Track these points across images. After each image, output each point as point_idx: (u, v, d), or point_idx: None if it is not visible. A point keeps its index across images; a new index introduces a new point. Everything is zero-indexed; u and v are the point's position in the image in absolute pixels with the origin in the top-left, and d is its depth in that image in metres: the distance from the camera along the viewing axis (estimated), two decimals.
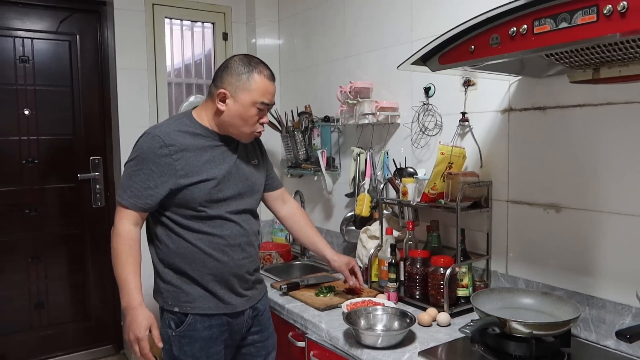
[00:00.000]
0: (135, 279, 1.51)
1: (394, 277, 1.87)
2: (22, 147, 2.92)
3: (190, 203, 1.53)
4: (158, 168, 1.49)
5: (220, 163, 1.58)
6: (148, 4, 2.87)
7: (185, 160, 1.52)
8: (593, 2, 0.99)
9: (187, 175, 1.51)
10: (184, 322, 1.56)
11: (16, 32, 2.86)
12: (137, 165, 1.51)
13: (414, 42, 2.09)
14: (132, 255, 1.52)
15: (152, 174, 1.49)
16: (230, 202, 1.59)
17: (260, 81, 1.53)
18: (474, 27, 1.23)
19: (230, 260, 1.59)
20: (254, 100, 1.53)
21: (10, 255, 2.92)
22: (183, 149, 1.52)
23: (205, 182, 1.53)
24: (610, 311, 1.46)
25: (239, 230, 1.61)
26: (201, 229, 1.55)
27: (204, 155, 1.55)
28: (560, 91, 1.57)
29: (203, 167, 1.54)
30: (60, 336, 3.07)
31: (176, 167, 1.50)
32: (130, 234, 1.53)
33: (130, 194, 1.51)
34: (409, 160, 2.14)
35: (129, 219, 1.53)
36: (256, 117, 1.56)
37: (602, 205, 1.49)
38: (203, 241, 1.55)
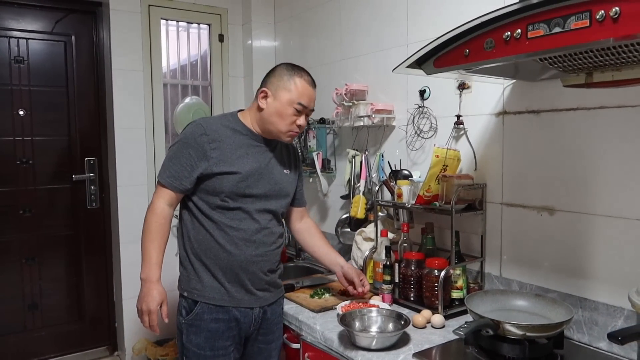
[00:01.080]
0: (159, 255, 1.61)
1: (388, 279, 1.88)
2: (17, 148, 2.91)
3: (216, 191, 1.60)
4: (196, 153, 1.58)
5: (253, 161, 1.65)
6: (144, 5, 2.87)
7: (220, 150, 1.60)
8: (586, 7, 1.00)
9: (218, 164, 1.59)
10: (193, 310, 1.62)
11: (11, 33, 2.85)
12: (179, 149, 1.61)
13: (409, 45, 2.10)
14: (160, 232, 1.62)
15: (190, 158, 1.59)
16: (256, 199, 1.64)
17: (300, 83, 1.62)
18: (469, 31, 1.24)
19: (242, 254, 1.62)
20: (291, 100, 1.61)
21: (4, 256, 2.90)
22: (221, 139, 1.61)
23: (234, 174, 1.60)
24: (602, 313, 1.47)
25: (257, 227, 1.64)
26: (220, 220, 1.61)
27: (238, 150, 1.63)
28: (554, 95, 1.59)
29: (236, 160, 1.61)
30: (54, 338, 3.06)
31: (210, 155, 1.59)
32: (163, 212, 1.62)
33: (169, 174, 1.60)
34: (404, 163, 2.15)
35: (165, 198, 1.62)
36: (293, 117, 1.63)
37: (596, 208, 1.50)
38: (220, 232, 1.61)
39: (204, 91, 3.22)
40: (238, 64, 3.20)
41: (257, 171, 1.64)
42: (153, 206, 1.63)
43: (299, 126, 1.65)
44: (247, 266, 1.63)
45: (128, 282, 2.85)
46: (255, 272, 1.65)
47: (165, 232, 1.64)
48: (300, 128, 1.66)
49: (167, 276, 1.64)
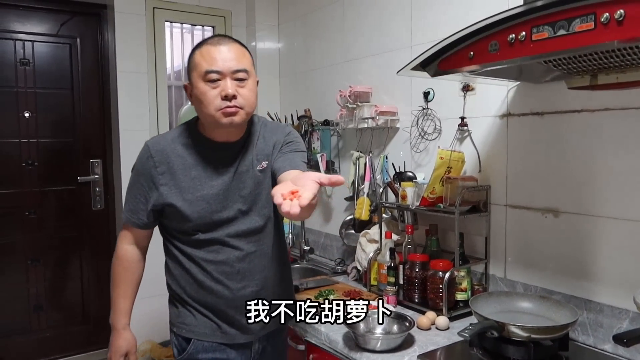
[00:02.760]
0: (125, 302, 1.47)
1: (393, 280, 1.88)
2: (22, 150, 2.92)
3: (178, 225, 1.39)
4: (146, 181, 1.37)
5: (214, 179, 1.38)
6: (148, 7, 2.88)
7: (171, 174, 1.36)
8: (591, 10, 1.00)
9: (170, 192, 1.36)
10: (186, 349, 1.44)
11: (17, 35, 2.87)
12: (132, 178, 1.43)
13: (413, 47, 2.11)
14: (125, 277, 1.47)
15: (142, 188, 1.39)
16: (230, 223, 1.40)
17: (200, 52, 1.32)
18: (473, 34, 1.25)
19: (226, 290, 1.41)
20: (199, 74, 1.31)
21: (10, 258, 2.92)
22: (169, 161, 1.37)
23: (192, 202, 1.36)
24: (607, 315, 1.47)
25: (238, 254, 1.41)
26: (195, 254, 1.40)
27: (193, 171, 1.37)
28: (558, 97, 1.58)
29: (190, 183, 1.37)
30: (59, 339, 3.07)
31: (160, 182, 1.36)
32: (126, 254, 1.47)
33: (127, 208, 1.44)
34: (408, 165, 2.15)
35: (127, 237, 1.46)
36: (212, 92, 1.30)
37: (600, 210, 1.50)
38: (197, 268, 1.41)
39: None
40: None
41: (222, 189, 1.38)
42: (116, 249, 1.47)
43: (226, 97, 1.29)
44: (236, 302, 1.41)
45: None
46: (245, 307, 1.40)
47: (131, 275, 1.47)
48: (229, 98, 1.29)
49: None
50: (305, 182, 0.95)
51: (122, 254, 1.47)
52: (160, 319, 2.86)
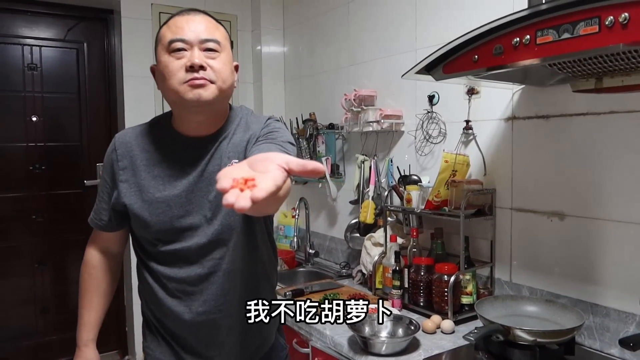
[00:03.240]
0: (89, 313, 1.28)
1: (398, 284, 1.88)
2: (29, 154, 2.95)
3: (140, 232, 1.21)
4: (109, 176, 1.22)
5: (178, 178, 1.16)
6: (154, 12, 2.90)
7: (132, 170, 1.18)
8: (595, 13, 1.00)
9: (129, 191, 1.17)
10: None
11: (25, 40, 2.90)
12: (101, 174, 1.33)
13: (417, 50, 2.11)
14: (90, 285, 1.29)
15: (105, 183, 1.23)
16: (194, 233, 1.17)
17: (166, 25, 1.15)
18: (478, 37, 1.25)
19: (186, 314, 1.19)
20: (164, 46, 1.12)
21: (17, 261, 2.94)
22: (131, 155, 1.18)
23: (151, 204, 1.16)
24: (614, 319, 1.46)
25: (201, 272, 1.18)
26: (156, 269, 1.20)
27: (155, 168, 1.17)
28: (563, 100, 1.58)
29: (151, 183, 1.17)
30: (65, 342, 3.08)
31: (120, 178, 1.18)
32: (92, 260, 1.29)
33: (94, 207, 1.28)
34: (413, 168, 2.15)
35: (94, 241, 1.31)
36: (176, 63, 1.10)
37: (606, 213, 1.49)
38: (157, 285, 1.21)
39: None
40: (247, 70, 3.22)
41: (185, 190, 1.15)
42: (84, 254, 1.31)
43: (192, 67, 1.08)
44: (196, 329, 1.19)
45: None
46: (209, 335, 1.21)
47: (96, 284, 1.28)
48: (195, 68, 1.08)
49: None
50: (268, 166, 0.66)
51: (87, 258, 1.30)
52: None
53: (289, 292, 2.02)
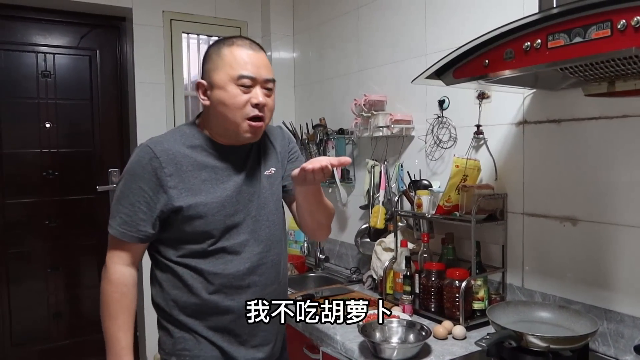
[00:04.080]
0: (126, 337, 1.26)
1: (409, 289, 1.87)
2: (43, 159, 2.98)
3: (185, 233, 1.25)
4: (149, 185, 1.21)
5: (224, 181, 1.27)
6: (166, 19, 2.93)
7: (180, 176, 1.23)
8: (607, 17, 1.00)
9: (180, 195, 1.22)
10: None
11: (39, 48, 2.94)
12: (126, 185, 1.23)
13: (427, 55, 2.11)
14: (123, 306, 1.26)
15: (142, 193, 1.21)
16: (241, 229, 1.28)
17: (231, 52, 1.23)
18: (488, 42, 1.25)
19: (236, 305, 1.28)
20: (229, 76, 1.21)
21: (30, 266, 2.97)
22: (177, 161, 1.24)
23: (206, 205, 1.24)
24: (629, 325, 1.44)
25: (248, 266, 1.29)
26: (199, 267, 1.26)
27: (202, 173, 1.26)
28: (575, 104, 1.57)
29: (202, 186, 1.25)
30: (78, 346, 3.10)
31: (169, 184, 1.22)
32: (122, 278, 1.25)
33: (120, 221, 1.23)
34: (424, 173, 2.15)
35: (121, 256, 1.26)
36: (242, 98, 1.21)
37: (619, 218, 1.48)
38: (201, 283, 1.26)
39: None
40: None
41: (234, 192, 1.28)
42: (107, 272, 1.25)
43: (256, 106, 1.22)
44: (244, 321, 1.28)
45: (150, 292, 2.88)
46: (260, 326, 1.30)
47: (129, 303, 1.26)
48: (260, 108, 1.22)
49: None
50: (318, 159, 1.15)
51: (116, 277, 1.25)
52: None
53: (299, 297, 2.02)
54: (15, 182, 2.91)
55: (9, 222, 2.90)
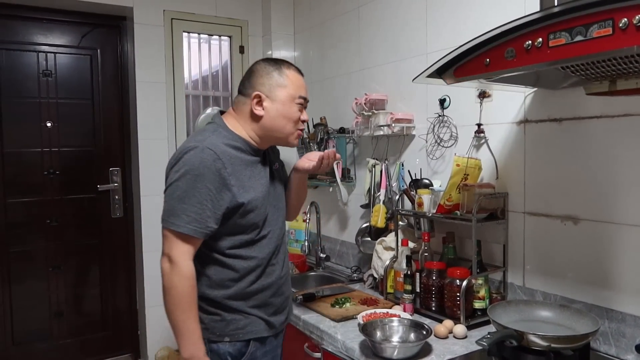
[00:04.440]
0: (198, 327, 1.35)
1: (409, 288, 1.87)
2: (44, 159, 2.98)
3: (240, 226, 1.39)
4: (214, 184, 1.32)
5: (260, 178, 1.46)
6: (167, 18, 2.93)
7: (236, 175, 1.37)
8: (609, 15, 0.99)
9: (240, 191, 1.37)
10: (245, 353, 1.43)
11: (40, 47, 2.94)
12: (190, 184, 1.31)
13: (428, 54, 2.11)
14: (194, 298, 1.34)
15: (208, 192, 1.31)
16: (271, 218, 1.48)
17: (292, 75, 1.45)
18: (489, 41, 1.24)
19: (273, 282, 1.48)
20: (292, 95, 1.44)
21: (31, 265, 2.97)
22: (232, 162, 1.37)
23: (255, 199, 1.40)
24: (630, 325, 1.44)
25: (279, 247, 1.51)
26: (247, 254, 1.42)
27: (247, 170, 1.42)
28: (576, 103, 1.57)
29: (249, 182, 1.41)
30: (79, 345, 3.11)
31: (231, 182, 1.35)
32: (192, 272, 1.34)
33: (188, 219, 1.30)
34: (424, 172, 2.14)
35: (189, 253, 1.33)
36: (297, 115, 1.46)
37: (621, 217, 1.47)
38: (248, 268, 1.42)
39: (225, 102, 3.26)
40: None
41: (267, 186, 1.47)
42: (179, 267, 1.31)
43: (303, 121, 1.49)
44: (278, 292, 1.50)
45: (151, 291, 2.89)
46: (283, 292, 1.53)
47: (196, 295, 1.36)
48: (305, 123, 1.51)
49: None
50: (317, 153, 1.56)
51: (188, 271, 1.32)
52: None
53: (300, 296, 2.02)
54: (16, 181, 2.92)
55: (10, 221, 2.91)
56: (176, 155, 1.37)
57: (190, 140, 1.39)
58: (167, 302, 1.33)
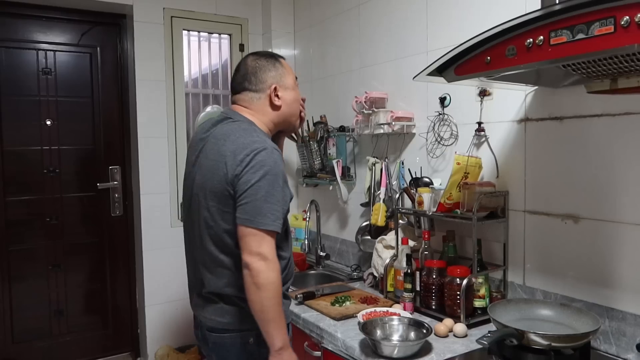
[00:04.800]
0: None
1: (409, 287, 1.87)
2: (44, 157, 2.98)
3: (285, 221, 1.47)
4: (283, 184, 1.41)
5: None
6: (167, 16, 2.92)
7: None
8: (610, 13, 0.99)
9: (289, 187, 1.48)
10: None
11: (39, 45, 2.93)
12: (270, 184, 1.37)
13: (429, 52, 2.10)
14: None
15: (282, 192, 1.40)
16: None
17: (284, 62, 1.60)
18: (490, 39, 1.24)
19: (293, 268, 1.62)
20: (293, 80, 1.59)
21: (31, 263, 2.97)
22: None
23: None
24: (630, 323, 1.44)
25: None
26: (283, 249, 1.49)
27: None
28: (577, 101, 1.57)
29: None
30: (79, 343, 3.11)
31: (286, 180, 1.45)
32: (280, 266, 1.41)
33: (273, 217, 1.36)
34: (425, 170, 2.14)
35: (275, 248, 1.39)
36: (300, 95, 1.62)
37: (621, 215, 1.47)
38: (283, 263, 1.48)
39: (224, 100, 3.26)
40: None
41: None
42: (273, 263, 1.36)
43: (303, 100, 1.66)
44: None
45: (151, 289, 2.88)
46: None
47: None
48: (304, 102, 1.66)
49: None
50: None
51: (279, 266, 1.39)
52: (179, 324, 2.88)
53: (300, 295, 2.02)
54: (16, 179, 2.91)
55: (10, 219, 2.90)
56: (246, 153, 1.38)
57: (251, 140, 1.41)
58: (264, 298, 1.34)
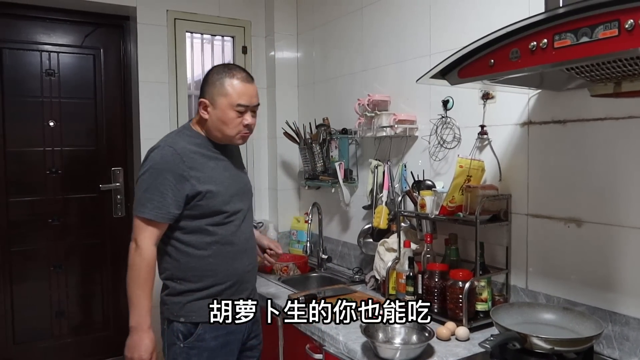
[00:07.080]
0: (149, 302, 1.56)
1: (412, 290, 1.86)
2: (47, 158, 2.98)
3: (203, 211, 1.60)
4: (174, 176, 1.55)
5: (223, 169, 1.68)
6: (170, 18, 2.93)
7: (197, 168, 1.60)
8: (614, 16, 0.99)
9: (199, 181, 1.59)
10: (193, 333, 1.61)
11: (43, 47, 2.94)
12: (153, 177, 1.55)
13: (432, 55, 2.10)
14: (151, 277, 1.56)
15: (169, 183, 1.54)
16: (239, 210, 1.68)
17: (233, 85, 1.60)
18: (494, 41, 1.24)
19: (238, 268, 1.68)
20: (231, 104, 1.60)
21: (33, 264, 2.97)
22: (193, 158, 1.60)
23: (218, 186, 1.62)
24: (634, 328, 1.43)
25: (245, 236, 1.71)
26: (213, 240, 1.62)
27: (210, 162, 1.65)
28: (581, 104, 1.56)
29: (211, 173, 1.63)
30: (80, 344, 3.11)
31: (190, 175, 1.57)
32: (152, 254, 1.57)
33: (151, 206, 1.54)
34: (427, 173, 2.14)
35: (152, 237, 1.56)
36: (238, 120, 1.62)
37: (625, 219, 1.47)
38: (215, 252, 1.63)
39: None
40: (261, 75, 3.23)
41: (231, 179, 1.68)
42: (140, 248, 1.55)
43: (246, 126, 1.65)
44: (244, 279, 1.70)
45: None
46: (250, 282, 1.75)
47: (153, 275, 1.58)
48: (249, 127, 1.66)
49: None
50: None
51: (149, 253, 1.55)
52: None
53: (301, 297, 2.01)
54: (19, 180, 2.92)
55: (12, 220, 2.91)
56: (145, 155, 1.62)
57: (159, 142, 1.64)
58: (128, 277, 1.55)
